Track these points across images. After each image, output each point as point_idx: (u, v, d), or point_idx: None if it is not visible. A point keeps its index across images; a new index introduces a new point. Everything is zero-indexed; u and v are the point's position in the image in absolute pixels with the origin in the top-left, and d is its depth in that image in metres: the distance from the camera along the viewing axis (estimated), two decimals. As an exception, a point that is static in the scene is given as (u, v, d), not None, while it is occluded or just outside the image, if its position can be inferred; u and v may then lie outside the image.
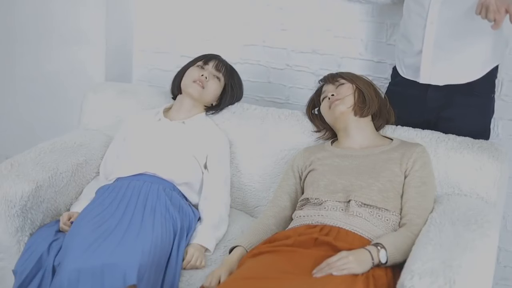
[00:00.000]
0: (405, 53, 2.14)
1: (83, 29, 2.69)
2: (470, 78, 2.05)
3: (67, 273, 1.64)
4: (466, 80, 2.05)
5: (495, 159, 1.91)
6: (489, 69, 2.07)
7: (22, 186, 1.89)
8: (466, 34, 1.98)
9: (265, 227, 1.90)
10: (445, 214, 1.74)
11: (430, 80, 2.07)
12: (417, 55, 2.07)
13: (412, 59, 2.10)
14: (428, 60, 2.04)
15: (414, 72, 2.11)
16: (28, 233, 1.91)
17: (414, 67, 2.10)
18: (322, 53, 2.59)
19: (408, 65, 2.14)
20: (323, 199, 1.82)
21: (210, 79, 2.17)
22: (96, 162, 2.19)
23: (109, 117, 2.37)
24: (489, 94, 2.13)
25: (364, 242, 1.68)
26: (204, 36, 2.74)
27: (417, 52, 2.06)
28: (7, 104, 2.92)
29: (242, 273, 1.62)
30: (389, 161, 1.86)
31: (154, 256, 1.74)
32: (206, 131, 2.16)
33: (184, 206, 1.99)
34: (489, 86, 2.12)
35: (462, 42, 2.00)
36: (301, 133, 2.16)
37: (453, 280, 1.41)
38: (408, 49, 2.11)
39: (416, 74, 2.10)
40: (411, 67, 2.12)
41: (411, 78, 2.12)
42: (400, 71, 2.18)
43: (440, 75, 2.06)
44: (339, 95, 1.97)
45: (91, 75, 2.72)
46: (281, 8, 2.60)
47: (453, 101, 2.08)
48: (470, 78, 2.05)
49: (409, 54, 2.12)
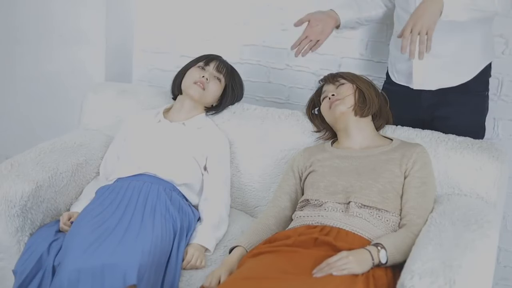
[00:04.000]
0: (396, 59, 2.15)
1: (83, 29, 2.69)
2: (463, 80, 2.06)
3: (67, 273, 1.64)
4: (459, 82, 2.06)
5: (495, 159, 1.91)
6: (481, 68, 2.07)
7: (22, 186, 1.89)
8: (453, 37, 1.98)
9: (265, 227, 1.90)
10: (445, 214, 1.74)
11: (423, 86, 2.08)
12: (408, 61, 2.07)
13: (403, 65, 2.11)
14: (418, 66, 2.05)
15: (406, 78, 2.12)
16: (28, 233, 1.91)
17: (406, 73, 2.11)
18: (322, 53, 2.58)
19: (399, 71, 2.15)
20: (323, 200, 1.82)
21: (211, 80, 2.17)
22: (96, 162, 2.19)
23: (109, 117, 2.37)
24: (483, 92, 2.13)
25: (364, 243, 1.68)
26: (204, 36, 2.74)
27: (407, 59, 2.05)
28: (7, 104, 2.92)
29: (242, 273, 1.62)
30: (389, 161, 1.85)
31: (154, 256, 1.74)
32: (206, 132, 2.16)
33: (184, 206, 1.99)
34: (483, 84, 2.12)
35: (451, 46, 2.00)
36: (301, 133, 2.16)
37: (453, 280, 1.41)
38: (398, 55, 2.10)
39: (409, 80, 2.11)
40: (403, 73, 2.13)
41: (404, 84, 2.14)
42: (392, 77, 2.20)
43: (433, 80, 2.07)
44: (339, 95, 1.97)
45: (91, 75, 2.72)
46: (281, 8, 2.60)
47: (447, 100, 2.09)
48: (462, 80, 2.06)
49: (400, 60, 2.12)
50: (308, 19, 2.09)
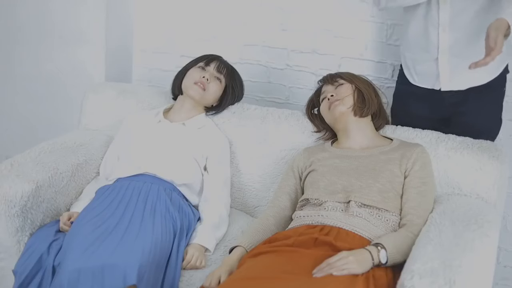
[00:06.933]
0: (416, 61, 2.11)
1: (83, 29, 2.69)
2: (490, 77, 2.05)
3: (67, 273, 1.64)
4: (485, 81, 2.05)
5: (495, 159, 1.91)
6: (504, 65, 2.08)
7: (22, 186, 1.89)
8: (479, 37, 1.93)
9: (265, 227, 1.90)
10: (445, 214, 1.73)
11: (451, 87, 2.05)
12: (431, 62, 2.04)
13: (425, 67, 2.08)
14: (445, 68, 2.02)
15: (429, 80, 2.08)
16: (28, 233, 1.91)
17: (429, 75, 2.07)
18: (322, 53, 2.59)
19: (421, 73, 2.11)
20: (323, 200, 1.82)
21: (211, 81, 2.17)
22: (96, 162, 2.19)
23: (109, 117, 2.37)
24: (501, 88, 2.13)
25: (364, 242, 1.68)
26: (204, 36, 2.74)
27: (431, 60, 2.03)
28: (7, 104, 2.92)
29: (242, 273, 1.62)
30: (389, 161, 1.85)
31: (154, 256, 1.74)
32: (206, 132, 2.16)
33: (184, 206, 1.99)
34: (502, 80, 2.12)
35: (477, 45, 1.94)
36: (301, 133, 2.16)
37: (453, 280, 1.41)
38: (419, 57, 2.08)
39: (434, 82, 2.07)
40: (427, 74, 2.08)
41: (426, 87, 2.10)
42: (410, 79, 2.15)
43: (460, 80, 2.04)
44: (338, 96, 1.97)
45: (91, 75, 2.72)
46: (281, 8, 2.60)
47: (469, 97, 2.07)
48: (488, 78, 2.05)
49: (421, 61, 2.09)
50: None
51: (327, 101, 1.99)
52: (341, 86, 1.99)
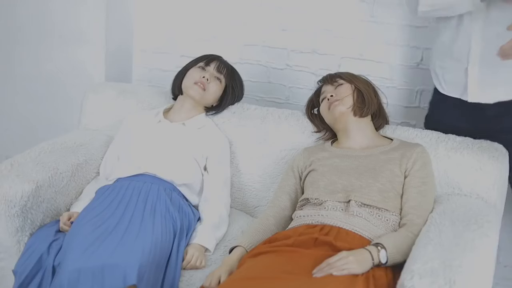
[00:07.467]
0: (445, 69, 2.06)
1: (83, 29, 2.69)
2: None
3: (67, 273, 1.64)
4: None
5: (495, 159, 1.91)
6: None
7: (22, 186, 1.89)
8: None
9: (265, 227, 1.90)
10: (445, 214, 1.74)
11: (479, 99, 1.99)
12: (461, 72, 1.99)
13: (454, 77, 2.03)
14: (474, 79, 1.97)
15: (459, 90, 2.02)
16: (28, 233, 1.91)
17: (457, 85, 2.02)
18: (322, 53, 2.59)
19: (450, 82, 2.06)
20: (323, 199, 1.82)
21: (211, 81, 2.17)
22: (96, 162, 2.19)
23: (109, 117, 2.37)
24: None
25: (364, 242, 1.68)
26: (204, 36, 2.74)
27: (460, 70, 1.98)
28: (7, 104, 2.92)
29: (242, 273, 1.62)
30: (389, 161, 1.86)
31: (154, 256, 1.74)
32: (206, 132, 2.16)
33: (184, 206, 1.99)
34: None
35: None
36: (301, 133, 2.16)
37: (453, 280, 1.41)
38: (449, 66, 2.04)
39: (462, 92, 2.01)
40: (455, 84, 2.03)
41: (455, 96, 2.04)
42: (439, 87, 2.10)
43: (489, 93, 1.97)
44: (338, 96, 1.97)
45: (91, 75, 2.72)
46: (281, 8, 2.60)
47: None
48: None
49: (450, 71, 2.04)
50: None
51: (327, 101, 1.99)
52: (341, 86, 1.99)
